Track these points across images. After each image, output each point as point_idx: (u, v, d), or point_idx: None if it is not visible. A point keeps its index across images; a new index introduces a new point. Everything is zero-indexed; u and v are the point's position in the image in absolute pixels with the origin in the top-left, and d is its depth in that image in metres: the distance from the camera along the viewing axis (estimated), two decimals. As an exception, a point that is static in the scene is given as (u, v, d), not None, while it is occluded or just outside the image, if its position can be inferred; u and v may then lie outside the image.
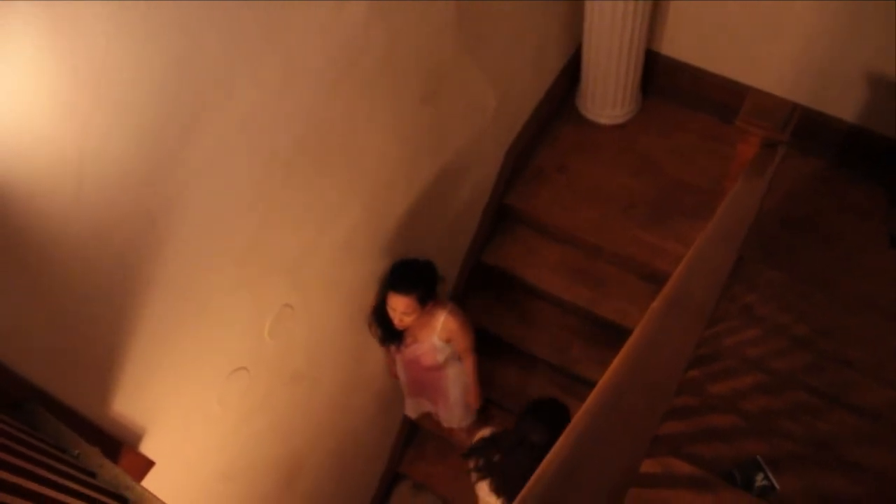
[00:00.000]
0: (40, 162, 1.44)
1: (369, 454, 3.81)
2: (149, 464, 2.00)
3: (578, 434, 1.10)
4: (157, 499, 1.57)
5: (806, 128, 2.89)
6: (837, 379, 2.52)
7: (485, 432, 2.93)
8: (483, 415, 3.73)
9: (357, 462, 3.70)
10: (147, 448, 2.09)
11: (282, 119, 2.06)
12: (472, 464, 2.88)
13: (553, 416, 2.70)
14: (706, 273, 1.79)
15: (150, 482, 1.94)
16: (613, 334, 3.57)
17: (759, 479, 2.10)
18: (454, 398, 3.46)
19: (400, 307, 2.86)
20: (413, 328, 3.03)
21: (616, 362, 1.26)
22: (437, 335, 3.08)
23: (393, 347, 3.18)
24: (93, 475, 1.53)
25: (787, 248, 3.56)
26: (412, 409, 3.73)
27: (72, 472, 1.40)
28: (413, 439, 4.15)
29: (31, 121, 1.39)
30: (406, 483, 4.17)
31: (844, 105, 3.55)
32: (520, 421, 2.73)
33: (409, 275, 2.88)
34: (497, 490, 2.77)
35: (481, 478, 2.83)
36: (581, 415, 1.15)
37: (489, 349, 3.64)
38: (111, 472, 1.57)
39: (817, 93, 3.55)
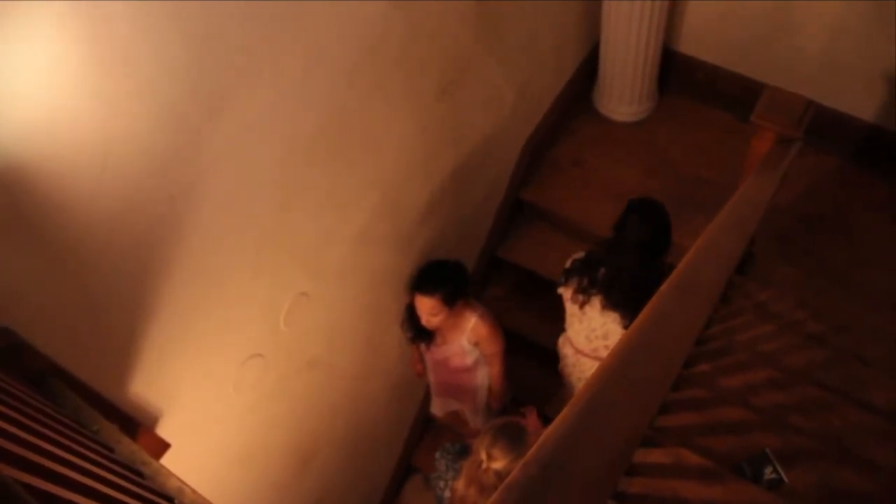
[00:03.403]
0: (67, 145, 1.48)
1: (383, 445, 3.83)
2: (164, 445, 2.03)
3: (585, 401, 1.12)
4: (173, 475, 1.60)
5: (824, 126, 2.88)
6: (852, 375, 2.50)
7: (577, 255, 2.77)
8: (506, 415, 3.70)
9: (370, 452, 3.72)
10: (163, 430, 2.12)
11: (302, 106, 2.08)
12: (569, 292, 2.72)
13: (652, 212, 2.64)
14: (713, 260, 1.80)
15: (165, 464, 1.97)
16: (628, 330, 3.55)
17: (769, 473, 2.09)
18: (481, 400, 3.45)
19: (425, 308, 2.87)
20: (443, 329, 3.04)
21: (625, 337, 1.28)
22: (466, 337, 3.08)
23: (423, 346, 3.19)
24: (111, 450, 1.56)
25: (804, 244, 3.55)
26: (439, 408, 3.70)
27: (92, 444, 1.43)
28: (427, 432, 4.16)
29: (61, 106, 1.42)
30: (419, 476, 4.18)
31: (863, 104, 3.54)
32: (619, 226, 2.62)
33: (433, 275, 2.89)
34: (614, 304, 2.61)
35: (586, 301, 2.67)
36: (589, 383, 1.17)
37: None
38: (129, 448, 1.61)
39: (836, 91, 3.53)
